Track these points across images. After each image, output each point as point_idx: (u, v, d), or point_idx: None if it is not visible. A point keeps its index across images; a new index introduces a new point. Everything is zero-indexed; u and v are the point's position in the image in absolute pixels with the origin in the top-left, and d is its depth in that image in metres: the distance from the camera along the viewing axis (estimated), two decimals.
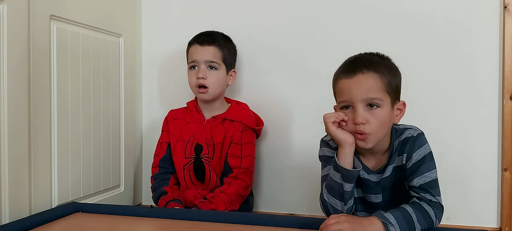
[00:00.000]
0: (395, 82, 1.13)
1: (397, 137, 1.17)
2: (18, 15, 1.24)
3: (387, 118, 1.11)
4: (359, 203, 1.24)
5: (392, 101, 1.12)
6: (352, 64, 1.13)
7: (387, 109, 1.11)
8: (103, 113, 1.63)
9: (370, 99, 1.08)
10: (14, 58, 1.22)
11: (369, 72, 1.09)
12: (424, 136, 1.15)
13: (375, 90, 1.09)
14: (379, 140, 1.12)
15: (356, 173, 1.11)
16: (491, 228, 1.58)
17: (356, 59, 1.15)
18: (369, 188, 1.20)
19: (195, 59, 1.60)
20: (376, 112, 1.09)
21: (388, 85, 1.10)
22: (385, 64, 1.13)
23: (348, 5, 1.67)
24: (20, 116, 1.26)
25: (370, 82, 1.09)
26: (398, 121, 1.17)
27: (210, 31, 1.66)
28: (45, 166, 1.36)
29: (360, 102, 1.08)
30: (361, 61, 1.13)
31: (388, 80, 1.10)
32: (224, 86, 1.65)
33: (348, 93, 1.10)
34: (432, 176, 1.11)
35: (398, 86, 1.15)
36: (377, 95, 1.08)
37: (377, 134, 1.10)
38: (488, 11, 1.55)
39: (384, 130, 1.12)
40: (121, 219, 1.35)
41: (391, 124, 1.15)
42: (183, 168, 1.60)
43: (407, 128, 1.17)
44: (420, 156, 1.12)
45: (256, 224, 1.25)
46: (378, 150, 1.17)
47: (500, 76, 1.55)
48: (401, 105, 1.16)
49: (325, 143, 1.25)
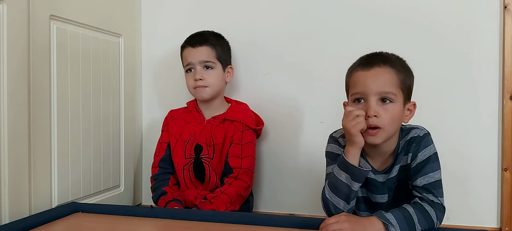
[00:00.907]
0: (408, 82, 1.14)
1: (403, 136, 1.17)
2: (18, 15, 1.24)
3: (398, 115, 1.11)
4: (363, 202, 1.24)
5: (404, 99, 1.12)
6: (369, 58, 1.15)
7: (399, 106, 1.11)
8: (103, 114, 1.63)
9: (385, 93, 1.09)
10: (14, 58, 1.22)
11: (386, 66, 1.11)
12: (430, 136, 1.15)
13: (390, 85, 1.09)
14: (389, 136, 1.12)
15: (366, 173, 1.11)
16: (491, 228, 1.57)
17: (374, 54, 1.16)
18: (375, 189, 1.20)
19: (190, 62, 1.60)
20: (388, 107, 1.09)
21: (403, 82, 1.11)
22: (401, 63, 1.15)
23: (347, 7, 1.67)
24: (20, 116, 1.25)
25: (386, 77, 1.10)
26: (408, 121, 1.17)
27: (200, 32, 1.66)
28: (45, 166, 1.36)
29: (374, 96, 1.09)
30: (379, 56, 1.14)
31: (402, 78, 1.12)
32: (222, 84, 1.65)
33: (363, 85, 1.10)
34: (436, 177, 1.11)
35: (411, 87, 1.16)
36: (391, 90, 1.09)
37: (388, 130, 1.10)
38: (488, 11, 1.55)
39: (395, 127, 1.12)
40: (121, 219, 1.35)
41: (401, 122, 1.15)
42: (183, 168, 1.60)
43: (413, 128, 1.17)
44: (425, 156, 1.12)
45: (256, 224, 1.25)
46: (385, 150, 1.17)
47: (500, 76, 1.55)
48: (411, 106, 1.16)
49: (334, 140, 1.24)
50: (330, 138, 1.26)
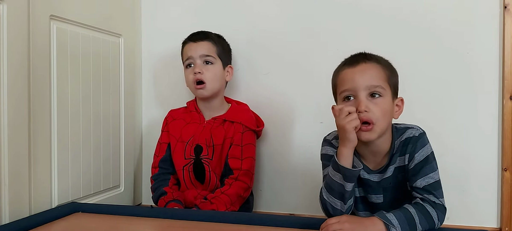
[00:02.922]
0: (394, 79, 1.16)
1: (398, 136, 1.17)
2: (18, 15, 1.24)
3: (388, 109, 1.12)
4: (361, 202, 1.24)
5: (392, 94, 1.13)
6: (354, 57, 1.16)
7: (389, 100, 1.12)
8: (103, 113, 1.63)
9: (373, 87, 1.09)
10: (14, 58, 1.22)
11: (371, 62, 1.13)
12: (426, 135, 1.15)
13: (378, 79, 1.10)
14: (382, 132, 1.12)
15: (357, 172, 1.11)
16: (491, 228, 1.58)
17: (358, 53, 1.18)
18: (370, 188, 1.20)
19: (190, 56, 1.60)
20: (378, 102, 1.10)
21: (389, 77, 1.13)
22: (385, 61, 1.16)
23: (347, 7, 1.67)
24: (20, 116, 1.25)
25: (373, 71, 1.11)
26: (398, 117, 1.17)
27: (202, 30, 1.66)
28: (45, 166, 1.36)
29: (363, 91, 1.09)
30: (363, 55, 1.16)
31: (389, 74, 1.13)
32: (222, 82, 1.64)
33: (351, 82, 1.11)
34: (435, 177, 1.12)
35: (397, 84, 1.17)
36: (379, 83, 1.10)
37: (380, 124, 1.10)
38: (488, 11, 1.55)
39: (386, 121, 1.12)
40: (121, 219, 1.35)
41: (391, 118, 1.15)
42: (183, 169, 1.60)
43: (408, 127, 1.17)
44: (422, 156, 1.12)
45: (256, 224, 1.25)
46: (378, 149, 1.17)
47: (500, 76, 1.55)
48: (400, 102, 1.17)
49: (328, 142, 1.24)
50: (324, 142, 1.26)
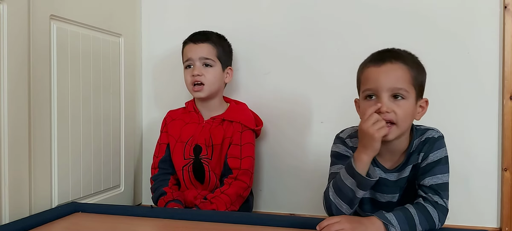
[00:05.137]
0: (420, 78, 1.13)
1: (418, 136, 1.16)
2: (18, 15, 1.24)
3: (410, 111, 1.10)
4: (368, 203, 1.23)
5: (416, 96, 1.11)
6: (381, 54, 1.14)
7: (411, 103, 1.10)
8: (103, 113, 1.63)
9: (397, 89, 1.08)
10: (14, 58, 1.22)
11: (397, 62, 1.10)
12: (444, 139, 1.15)
13: (402, 81, 1.08)
14: (402, 133, 1.11)
15: (373, 183, 1.09)
16: (491, 228, 1.58)
17: (385, 50, 1.15)
18: (385, 188, 1.19)
19: (190, 57, 1.60)
20: (400, 104, 1.08)
21: (414, 79, 1.10)
22: (412, 60, 1.14)
23: (348, 4, 1.67)
24: (20, 116, 1.25)
25: (398, 73, 1.09)
26: (420, 118, 1.16)
27: (204, 31, 1.66)
28: (45, 166, 1.36)
29: (386, 92, 1.08)
30: (390, 52, 1.13)
31: (414, 74, 1.11)
32: (220, 84, 1.64)
33: (374, 81, 1.09)
34: (444, 179, 1.11)
35: (423, 84, 1.15)
36: (403, 86, 1.08)
37: (401, 126, 1.09)
38: (488, 11, 1.55)
39: (407, 123, 1.11)
40: (121, 219, 1.35)
41: (413, 119, 1.14)
42: (183, 169, 1.60)
43: (429, 129, 1.17)
44: (436, 157, 1.12)
45: (256, 224, 1.25)
46: (396, 148, 1.16)
47: (500, 76, 1.55)
48: (424, 103, 1.15)
49: (341, 140, 1.22)
50: (336, 139, 1.24)
